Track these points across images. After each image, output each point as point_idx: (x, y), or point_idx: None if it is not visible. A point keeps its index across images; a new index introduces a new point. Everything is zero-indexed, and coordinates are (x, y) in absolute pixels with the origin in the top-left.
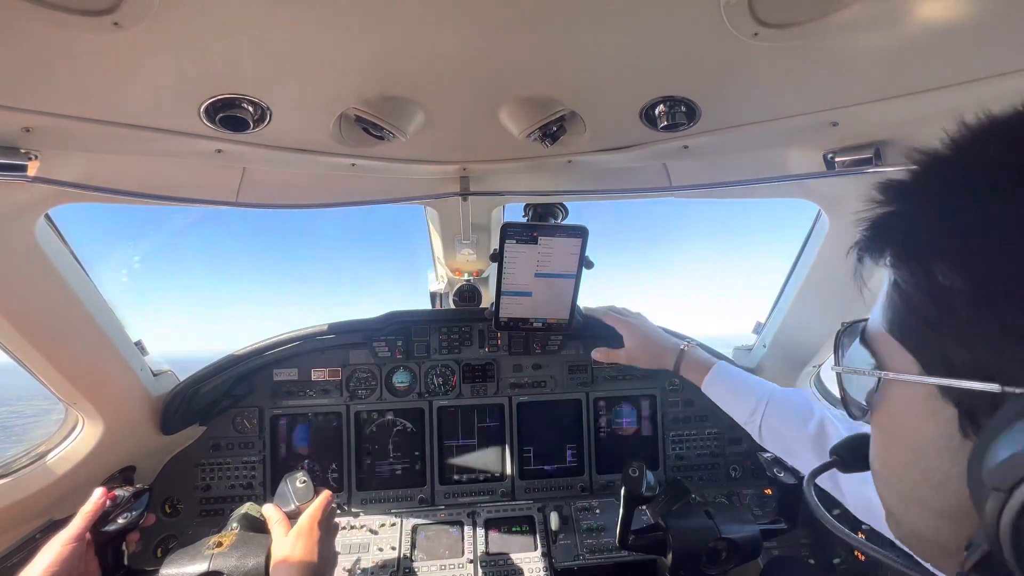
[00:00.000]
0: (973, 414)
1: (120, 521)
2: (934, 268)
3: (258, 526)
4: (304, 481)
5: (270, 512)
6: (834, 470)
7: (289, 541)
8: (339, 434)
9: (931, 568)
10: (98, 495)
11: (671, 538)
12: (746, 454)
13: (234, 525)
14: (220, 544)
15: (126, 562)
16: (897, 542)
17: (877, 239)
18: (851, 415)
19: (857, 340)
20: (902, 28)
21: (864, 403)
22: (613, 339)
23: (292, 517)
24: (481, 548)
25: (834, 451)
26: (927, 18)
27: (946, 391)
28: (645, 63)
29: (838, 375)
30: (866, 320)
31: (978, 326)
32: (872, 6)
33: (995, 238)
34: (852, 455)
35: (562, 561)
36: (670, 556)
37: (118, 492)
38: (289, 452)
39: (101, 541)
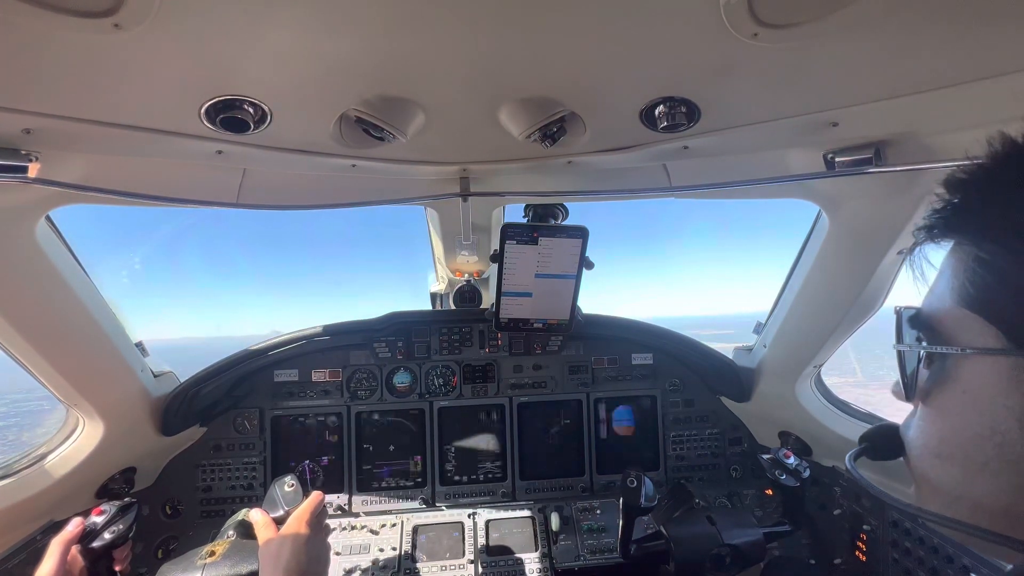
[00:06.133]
0: None
1: (107, 536)
2: None
3: (254, 533)
4: (292, 485)
5: (256, 516)
6: None
7: (276, 542)
8: (340, 435)
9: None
10: (74, 524)
11: (673, 547)
12: (746, 454)
13: (230, 533)
14: (213, 553)
15: None
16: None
17: (959, 217)
18: (908, 396)
19: (908, 323)
20: (901, 29)
21: (924, 382)
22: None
23: (281, 522)
24: (482, 549)
25: (864, 438)
26: (926, 19)
27: None
28: (645, 64)
29: (900, 357)
30: (917, 308)
31: None
32: (871, 7)
33: None
34: (883, 443)
35: (563, 562)
36: (673, 565)
37: (104, 507)
38: (289, 453)
39: (91, 557)
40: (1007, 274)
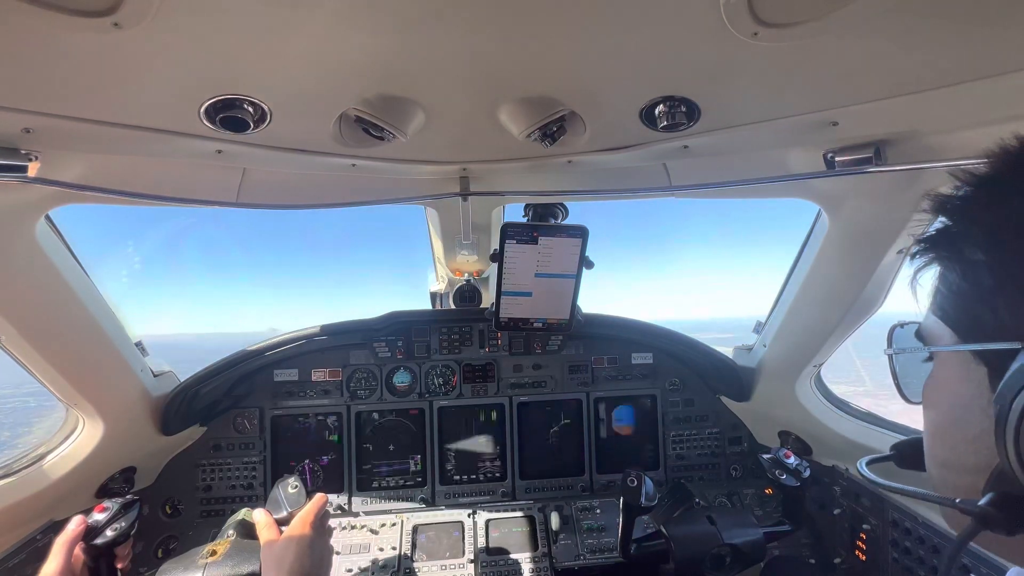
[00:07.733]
0: (1000, 371)
1: (109, 533)
2: (964, 251)
3: (255, 532)
4: (296, 486)
5: (259, 517)
6: None
7: (280, 544)
8: (340, 434)
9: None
10: (77, 522)
11: (673, 547)
12: (746, 454)
13: (230, 532)
14: (214, 552)
15: None
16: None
17: (929, 245)
18: (905, 399)
19: (913, 335)
20: (902, 28)
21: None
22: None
23: (284, 523)
24: (482, 548)
25: (895, 447)
26: (926, 18)
27: (978, 355)
28: (645, 63)
29: (891, 365)
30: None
31: (998, 290)
32: (871, 6)
33: (1010, 230)
34: (912, 452)
35: (563, 561)
36: (673, 564)
37: (106, 504)
38: (289, 453)
39: (92, 555)
40: (952, 284)
